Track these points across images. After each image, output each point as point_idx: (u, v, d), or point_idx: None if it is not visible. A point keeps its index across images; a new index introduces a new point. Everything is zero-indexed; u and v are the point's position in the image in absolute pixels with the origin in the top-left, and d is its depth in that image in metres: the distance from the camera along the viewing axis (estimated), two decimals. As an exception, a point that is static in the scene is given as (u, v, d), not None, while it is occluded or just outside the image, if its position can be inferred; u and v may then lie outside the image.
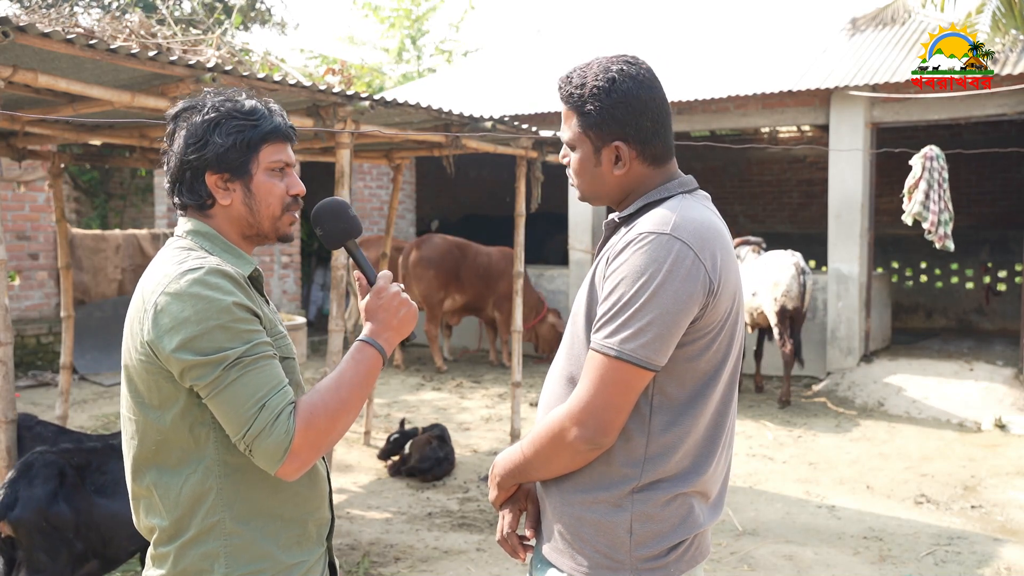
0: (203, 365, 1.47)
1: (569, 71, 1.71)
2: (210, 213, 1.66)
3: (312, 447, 1.52)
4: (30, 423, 3.80)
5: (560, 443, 1.58)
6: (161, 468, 1.58)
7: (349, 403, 1.58)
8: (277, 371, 1.54)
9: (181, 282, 1.50)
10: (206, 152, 1.61)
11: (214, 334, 1.48)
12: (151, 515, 1.61)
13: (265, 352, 1.53)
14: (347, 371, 1.60)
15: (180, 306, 1.49)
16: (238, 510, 1.57)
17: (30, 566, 3.07)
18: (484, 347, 11.03)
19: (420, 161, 12.82)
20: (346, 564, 4.17)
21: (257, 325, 1.54)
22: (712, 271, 1.54)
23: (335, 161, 4.38)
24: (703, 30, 11.54)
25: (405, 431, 5.91)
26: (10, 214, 8.74)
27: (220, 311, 1.49)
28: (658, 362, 1.53)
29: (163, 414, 1.55)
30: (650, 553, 1.58)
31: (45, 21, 4.23)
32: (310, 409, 1.53)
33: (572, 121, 1.70)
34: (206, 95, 1.67)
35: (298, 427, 1.49)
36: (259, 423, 1.47)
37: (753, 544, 4.57)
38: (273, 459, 1.49)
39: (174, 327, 1.48)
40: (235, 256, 1.65)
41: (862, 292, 8.92)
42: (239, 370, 1.48)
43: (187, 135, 1.62)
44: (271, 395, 1.50)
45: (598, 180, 1.70)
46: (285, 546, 1.62)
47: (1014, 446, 6.65)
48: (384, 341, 1.66)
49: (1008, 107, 8.03)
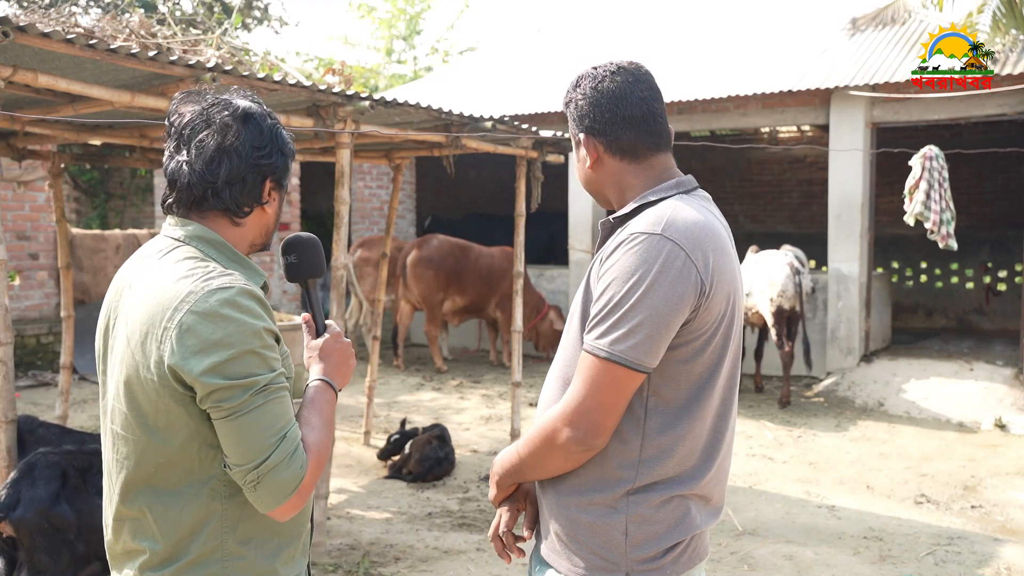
0: (231, 388, 1.42)
1: None
2: (241, 221, 1.60)
3: (312, 486, 1.51)
4: (32, 425, 3.79)
5: (552, 444, 1.58)
6: (158, 489, 1.51)
7: (328, 444, 1.59)
8: (291, 404, 1.51)
9: (211, 301, 1.44)
10: (275, 160, 1.60)
11: (246, 359, 1.43)
12: (139, 538, 1.53)
13: (283, 383, 1.49)
14: (325, 410, 1.60)
15: (211, 327, 1.42)
16: (241, 531, 1.53)
17: (31, 567, 3.07)
18: (484, 347, 11.03)
19: (420, 161, 12.82)
20: (346, 564, 4.17)
21: (279, 353, 1.52)
22: (704, 272, 1.53)
23: (335, 161, 4.38)
24: (703, 30, 11.54)
25: (405, 431, 5.91)
26: (10, 214, 8.74)
27: (252, 335, 1.45)
28: (648, 363, 1.52)
29: (169, 436, 1.48)
30: (646, 555, 1.58)
31: (45, 21, 4.23)
32: (318, 447, 1.53)
33: (568, 123, 1.79)
34: (233, 91, 1.64)
35: (309, 464, 1.48)
36: (278, 454, 1.43)
37: (753, 544, 4.57)
38: (282, 494, 1.45)
39: (203, 348, 1.42)
40: (245, 267, 1.60)
41: (862, 292, 8.92)
42: (264, 397, 1.44)
43: (254, 136, 1.57)
44: (291, 427, 1.47)
45: (584, 177, 1.77)
46: (285, 561, 1.60)
47: (1014, 446, 6.65)
48: (337, 384, 1.66)
49: (1008, 107, 8.03)
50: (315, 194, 12.61)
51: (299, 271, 1.75)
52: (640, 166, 1.70)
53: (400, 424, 6.07)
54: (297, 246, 1.74)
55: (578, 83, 1.74)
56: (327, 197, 6.06)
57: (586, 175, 1.76)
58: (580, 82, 1.73)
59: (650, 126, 1.69)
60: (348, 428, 6.90)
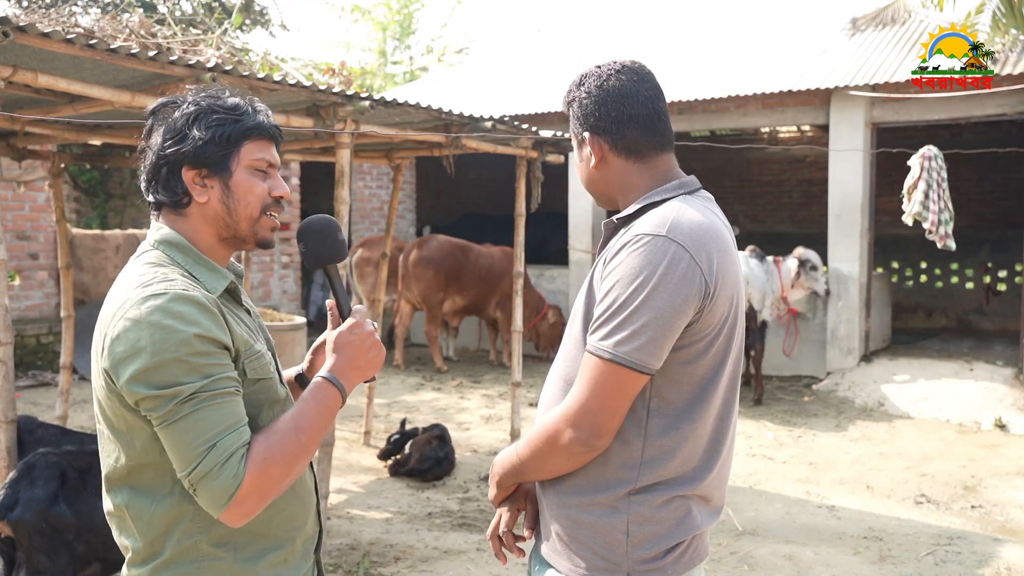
0: (155, 398, 1.39)
1: None
2: (185, 212, 1.56)
3: (261, 495, 1.43)
4: (31, 426, 3.78)
5: (555, 445, 1.58)
6: (134, 488, 1.51)
7: (307, 447, 1.49)
8: (235, 409, 1.44)
9: (142, 308, 1.41)
10: (184, 146, 1.52)
11: (170, 367, 1.39)
12: (124, 535, 1.54)
13: (225, 388, 1.43)
14: (307, 412, 1.50)
15: (137, 334, 1.39)
16: (215, 532, 1.50)
17: (30, 567, 3.07)
18: (484, 347, 11.03)
19: (420, 161, 12.82)
20: (346, 564, 4.17)
21: (220, 359, 1.44)
22: (708, 274, 1.53)
23: (335, 161, 4.38)
24: (703, 30, 11.54)
25: (405, 431, 5.91)
26: (10, 214, 8.74)
27: (179, 343, 1.39)
28: (652, 365, 1.52)
29: (132, 439, 1.48)
30: (647, 555, 1.58)
31: (45, 21, 4.22)
32: (265, 455, 1.43)
33: (569, 122, 1.77)
34: (187, 91, 1.60)
35: (248, 472, 1.40)
36: (206, 464, 1.39)
37: (753, 544, 4.57)
38: (216, 504, 1.41)
39: (128, 356, 1.40)
40: (208, 269, 1.56)
41: (862, 292, 8.92)
42: (192, 406, 1.39)
43: (165, 129, 1.54)
44: (224, 435, 1.40)
45: (588, 178, 1.75)
46: (269, 565, 1.56)
47: (1014, 446, 6.65)
48: (346, 380, 1.56)
49: (1008, 107, 8.03)
50: (315, 194, 12.61)
51: (314, 258, 1.66)
52: (645, 166, 1.69)
53: (400, 424, 6.07)
54: (307, 232, 1.65)
55: (582, 82, 1.72)
56: (327, 197, 6.06)
57: (589, 174, 1.74)
58: (584, 81, 1.71)
59: (655, 125, 1.68)
60: (348, 428, 6.90)
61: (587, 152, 1.71)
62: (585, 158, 1.73)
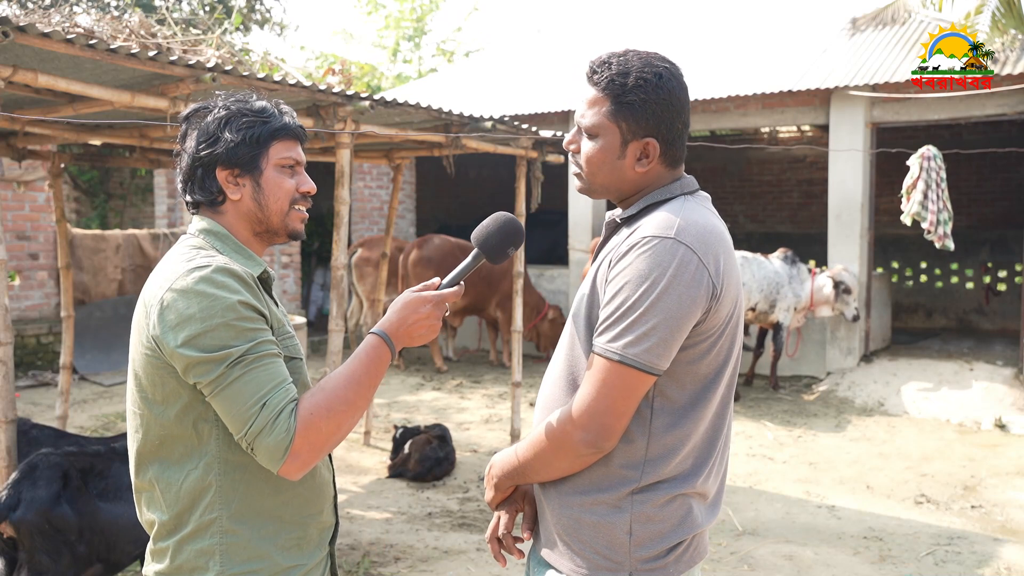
0: (206, 362, 1.49)
1: (605, 57, 1.64)
2: (221, 210, 1.69)
3: (313, 448, 1.51)
4: (25, 427, 3.78)
5: (562, 446, 1.58)
6: (164, 462, 1.59)
7: (355, 402, 1.56)
8: (280, 369, 1.54)
9: (188, 279, 1.52)
10: (217, 148, 1.64)
11: (219, 331, 1.49)
12: (152, 509, 1.62)
13: (269, 351, 1.53)
14: (357, 368, 1.58)
15: (186, 303, 1.50)
16: (236, 508, 1.58)
17: (31, 568, 3.07)
18: (484, 347, 11.03)
19: (420, 161, 12.81)
20: (346, 564, 4.17)
21: (262, 324, 1.55)
22: (715, 275, 1.54)
23: (335, 161, 4.38)
24: (703, 30, 11.53)
25: (407, 428, 5.92)
26: (10, 214, 8.74)
27: (225, 309, 1.50)
28: (661, 367, 1.52)
29: (166, 409, 1.57)
30: (649, 554, 1.58)
31: (45, 21, 4.22)
32: (312, 409, 1.52)
33: (603, 108, 1.61)
34: (217, 97, 1.71)
35: (298, 428, 1.49)
36: (260, 421, 1.48)
37: (753, 544, 4.57)
38: (274, 458, 1.49)
39: (179, 323, 1.50)
40: (245, 257, 1.67)
41: (862, 292, 8.92)
42: (242, 368, 1.49)
43: (199, 133, 1.67)
44: (273, 393, 1.50)
45: (616, 173, 1.65)
46: (283, 547, 1.62)
47: (1014, 446, 6.65)
48: (396, 340, 1.63)
49: (1008, 107, 8.03)
50: (315, 194, 12.62)
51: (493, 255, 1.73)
52: (673, 173, 1.68)
53: (400, 429, 6.07)
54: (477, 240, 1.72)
55: (636, 73, 1.59)
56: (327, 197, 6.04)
57: (620, 171, 1.65)
58: (640, 76, 1.59)
59: (687, 134, 1.69)
60: (348, 428, 6.89)
61: (634, 151, 1.63)
62: (628, 155, 1.63)
